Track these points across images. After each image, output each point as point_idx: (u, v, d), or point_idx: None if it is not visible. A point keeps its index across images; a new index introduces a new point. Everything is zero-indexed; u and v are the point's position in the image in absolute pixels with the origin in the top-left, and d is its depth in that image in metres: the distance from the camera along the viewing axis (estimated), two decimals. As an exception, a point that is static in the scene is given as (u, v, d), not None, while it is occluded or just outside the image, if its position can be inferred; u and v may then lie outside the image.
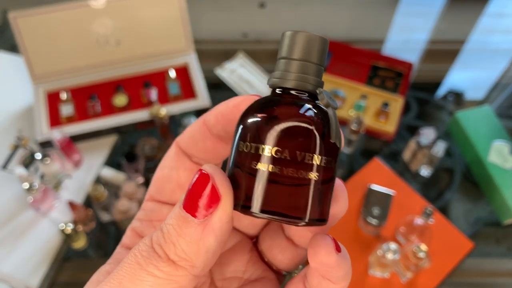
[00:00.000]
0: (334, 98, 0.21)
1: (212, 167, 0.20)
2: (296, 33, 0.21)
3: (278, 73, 0.21)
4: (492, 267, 0.74)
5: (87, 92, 0.87)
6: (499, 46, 1.07)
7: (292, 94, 0.21)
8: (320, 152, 0.19)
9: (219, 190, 0.19)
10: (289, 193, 0.19)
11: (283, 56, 0.21)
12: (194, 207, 0.19)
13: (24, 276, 0.70)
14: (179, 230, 0.19)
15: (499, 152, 0.81)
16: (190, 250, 0.19)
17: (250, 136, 0.20)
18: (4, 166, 0.82)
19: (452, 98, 0.95)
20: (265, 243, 0.25)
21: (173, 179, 0.25)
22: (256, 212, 0.19)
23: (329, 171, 0.20)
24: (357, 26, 1.09)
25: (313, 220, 0.20)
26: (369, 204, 0.74)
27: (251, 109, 0.20)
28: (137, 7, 0.86)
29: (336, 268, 0.20)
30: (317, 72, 0.21)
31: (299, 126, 0.19)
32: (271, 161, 0.19)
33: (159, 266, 0.19)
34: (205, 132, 0.24)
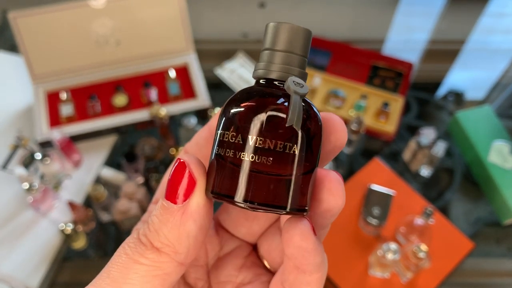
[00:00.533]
0: (305, 84, 0.21)
1: (188, 156, 0.21)
2: (279, 24, 0.21)
3: (262, 64, 0.21)
4: (492, 267, 0.74)
5: (87, 92, 0.87)
6: (499, 46, 1.07)
7: (275, 85, 0.21)
8: (294, 140, 0.19)
9: (194, 175, 0.20)
10: (270, 182, 0.19)
11: (267, 47, 0.21)
12: (174, 195, 0.20)
13: (24, 276, 0.70)
14: (161, 217, 0.20)
15: (499, 152, 0.81)
16: (172, 236, 0.20)
17: (231, 126, 0.20)
18: (4, 166, 0.82)
19: (452, 98, 0.95)
20: (263, 247, 0.26)
21: None
22: (239, 201, 0.19)
23: (310, 160, 0.20)
24: (357, 26, 1.09)
25: (294, 209, 0.20)
26: (369, 204, 0.74)
27: (233, 100, 0.21)
28: (137, 7, 0.86)
29: (313, 252, 0.20)
30: (300, 63, 0.21)
31: (273, 116, 0.19)
32: (252, 151, 0.19)
33: (144, 254, 0.20)
34: (209, 138, 0.24)
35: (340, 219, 0.75)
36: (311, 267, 0.20)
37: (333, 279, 0.70)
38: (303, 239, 0.20)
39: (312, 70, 0.94)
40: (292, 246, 0.20)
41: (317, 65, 0.95)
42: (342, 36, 1.04)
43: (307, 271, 0.20)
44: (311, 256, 0.20)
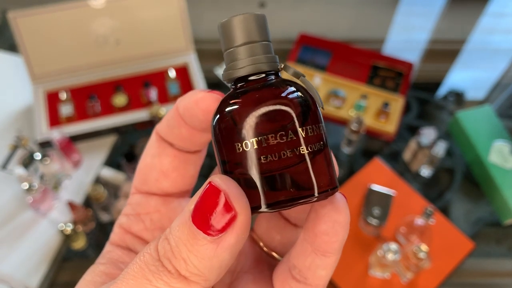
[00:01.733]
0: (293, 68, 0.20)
1: (223, 180, 0.18)
2: (229, 19, 0.20)
3: (229, 65, 0.20)
4: (493, 267, 0.74)
5: (87, 92, 0.87)
6: (500, 46, 1.06)
7: (252, 80, 0.20)
8: (302, 124, 0.18)
9: (235, 206, 0.18)
10: (290, 176, 0.18)
11: (227, 47, 0.20)
12: (205, 223, 0.17)
13: (24, 276, 0.70)
14: (190, 246, 0.18)
15: (500, 152, 0.81)
16: (203, 267, 0.18)
17: (228, 138, 0.19)
18: (4, 166, 0.82)
19: (453, 98, 0.94)
20: (261, 227, 0.25)
21: (156, 167, 0.24)
22: (265, 210, 0.18)
23: (319, 137, 0.19)
24: (357, 26, 1.09)
25: (324, 191, 0.19)
26: (369, 204, 0.74)
27: (219, 111, 0.19)
28: (137, 7, 0.86)
29: (346, 227, 0.19)
30: (266, 49, 0.20)
31: (271, 108, 0.18)
32: (258, 153, 0.18)
33: (169, 282, 0.18)
34: (179, 120, 0.22)
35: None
36: (336, 246, 0.19)
37: (333, 279, 0.69)
38: (339, 213, 0.19)
39: (312, 70, 0.94)
40: (327, 220, 0.19)
41: (317, 65, 0.95)
42: (342, 36, 1.04)
43: (329, 251, 0.19)
44: (343, 233, 0.19)
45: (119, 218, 0.25)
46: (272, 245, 0.25)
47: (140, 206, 0.24)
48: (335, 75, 0.93)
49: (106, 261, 0.23)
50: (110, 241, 0.25)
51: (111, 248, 0.24)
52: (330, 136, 0.89)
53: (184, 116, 0.22)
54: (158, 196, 0.25)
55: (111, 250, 0.24)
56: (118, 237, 0.24)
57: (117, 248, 0.24)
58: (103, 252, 0.24)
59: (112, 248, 0.24)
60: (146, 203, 0.24)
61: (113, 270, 0.23)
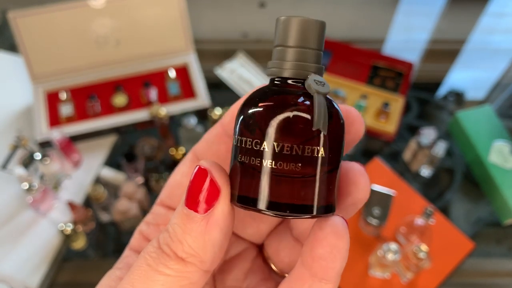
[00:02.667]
0: (325, 82, 0.20)
1: (208, 162, 0.20)
2: (290, 18, 0.20)
3: (275, 62, 0.20)
4: (493, 267, 0.74)
5: (87, 92, 0.87)
6: (500, 46, 1.06)
7: (290, 84, 0.20)
8: (320, 142, 0.18)
9: (218, 182, 0.19)
10: (294, 186, 0.18)
11: (279, 43, 0.20)
12: (195, 203, 0.19)
13: (24, 276, 0.70)
14: (184, 227, 0.19)
15: (500, 152, 0.81)
16: (197, 245, 0.19)
17: (248, 131, 0.19)
18: (4, 166, 0.82)
19: (453, 98, 0.94)
20: (271, 247, 0.25)
21: (184, 185, 0.25)
22: (262, 209, 0.19)
23: (333, 159, 0.19)
24: (357, 26, 1.09)
25: (321, 211, 0.19)
26: (369, 204, 0.74)
27: (248, 103, 0.20)
28: (137, 7, 0.86)
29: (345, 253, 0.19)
30: (314, 58, 0.20)
31: (296, 117, 0.18)
32: (274, 156, 0.18)
33: (168, 265, 0.19)
34: (221, 135, 0.24)
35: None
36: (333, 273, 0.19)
37: (333, 280, 0.69)
38: (338, 238, 0.18)
39: (312, 70, 0.94)
40: (325, 245, 0.19)
41: (317, 65, 0.95)
42: (342, 36, 1.04)
43: (326, 278, 0.19)
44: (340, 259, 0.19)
45: (140, 225, 0.26)
46: (281, 266, 0.25)
47: (161, 217, 0.26)
48: (335, 75, 0.93)
49: (123, 266, 0.24)
50: (130, 246, 0.26)
51: (129, 253, 0.25)
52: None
53: (227, 126, 0.23)
54: None
55: (129, 255, 0.25)
56: (137, 243, 0.26)
57: (134, 253, 0.25)
58: (122, 257, 0.25)
59: (130, 253, 0.25)
60: (166, 216, 0.26)
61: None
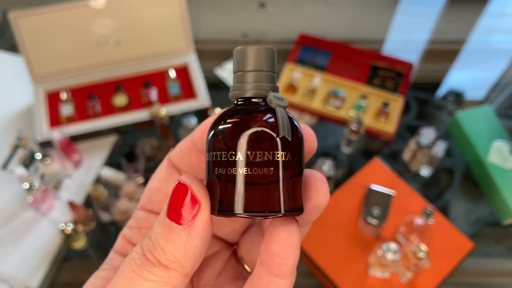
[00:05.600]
0: (284, 98, 0.23)
1: (189, 177, 0.22)
2: (245, 48, 0.23)
3: (236, 85, 0.23)
4: (492, 267, 0.74)
5: (87, 92, 0.87)
6: (499, 46, 1.07)
7: (251, 102, 0.23)
8: (280, 149, 0.21)
9: (198, 197, 0.21)
10: (263, 190, 0.21)
11: (238, 69, 0.24)
12: (177, 215, 0.21)
13: (24, 276, 0.70)
14: (166, 237, 0.21)
15: (499, 152, 0.81)
16: (179, 254, 0.21)
17: (218, 145, 0.22)
18: (4, 166, 0.82)
19: (452, 98, 0.95)
20: (244, 247, 0.27)
21: (162, 190, 0.27)
22: (239, 212, 0.21)
23: (295, 164, 0.22)
24: (357, 26, 1.09)
25: (289, 211, 0.21)
26: (369, 204, 0.74)
27: (217, 121, 0.23)
28: (137, 7, 0.86)
29: (296, 250, 0.21)
30: (269, 78, 0.23)
31: (257, 129, 0.21)
32: (240, 165, 0.21)
33: (152, 271, 0.21)
34: (192, 148, 0.25)
35: (340, 219, 0.75)
36: (287, 268, 0.21)
37: (333, 279, 0.70)
38: (290, 235, 0.21)
39: (312, 70, 0.94)
40: (278, 242, 0.21)
41: (317, 65, 0.95)
42: (342, 36, 1.04)
43: (281, 274, 0.21)
44: (293, 255, 0.21)
45: (124, 229, 0.28)
46: (253, 265, 0.26)
47: (142, 221, 0.27)
48: (335, 75, 0.94)
49: (108, 267, 0.26)
50: (114, 249, 0.28)
51: (114, 256, 0.27)
52: (330, 136, 0.89)
53: (197, 141, 0.25)
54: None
55: (114, 257, 0.27)
56: (121, 246, 0.27)
57: (119, 256, 0.27)
58: (107, 260, 0.27)
59: (115, 256, 0.27)
60: (148, 220, 0.27)
61: (113, 275, 0.25)
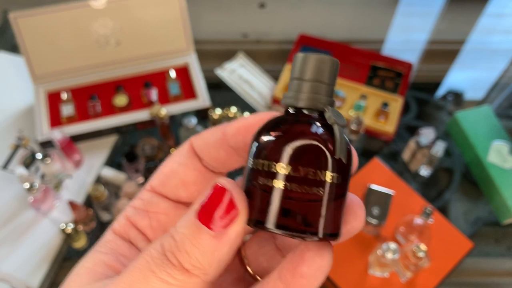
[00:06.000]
0: (341, 115, 0.22)
1: (229, 182, 0.20)
2: (308, 55, 0.22)
3: (291, 93, 0.22)
4: (492, 267, 0.75)
5: (88, 92, 0.88)
6: (499, 46, 1.07)
7: (304, 113, 0.22)
8: (330, 169, 0.20)
9: (237, 205, 0.20)
10: (303, 209, 0.20)
11: (296, 76, 0.22)
12: (209, 219, 0.19)
13: (25, 276, 0.70)
14: (194, 240, 0.19)
15: (499, 152, 0.82)
16: (205, 260, 0.19)
17: (264, 154, 0.20)
18: (5, 166, 0.82)
19: (452, 98, 0.95)
20: (251, 249, 0.26)
21: (179, 175, 0.25)
22: (271, 228, 0.20)
23: (340, 187, 0.20)
24: (357, 26, 1.09)
25: (327, 235, 0.20)
26: (369, 204, 0.74)
27: (265, 128, 0.21)
28: (138, 8, 0.86)
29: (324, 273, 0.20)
30: (327, 91, 0.22)
31: (310, 144, 0.20)
32: (284, 179, 0.20)
33: (172, 274, 0.19)
34: (222, 142, 0.24)
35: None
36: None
37: (333, 279, 0.70)
38: (323, 261, 0.20)
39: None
40: (311, 265, 0.20)
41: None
42: (342, 36, 1.04)
43: None
44: (320, 281, 0.20)
45: (127, 209, 0.25)
46: (257, 269, 0.25)
47: (150, 204, 0.25)
48: (334, 76, 0.94)
49: (108, 251, 0.24)
50: (113, 230, 0.25)
51: (113, 238, 0.25)
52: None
53: (231, 137, 0.23)
54: (171, 201, 0.25)
55: (113, 239, 0.25)
56: (123, 228, 0.25)
57: (119, 238, 0.25)
58: (104, 240, 0.25)
59: (114, 237, 0.25)
60: (157, 203, 0.25)
61: (114, 262, 0.23)
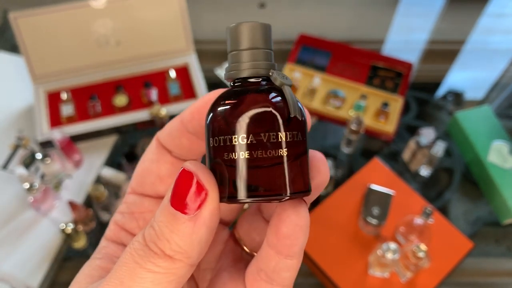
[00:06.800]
0: (287, 76, 0.22)
1: (194, 164, 0.20)
2: (238, 25, 0.22)
3: (232, 65, 0.22)
4: (492, 267, 0.75)
5: (88, 92, 0.88)
6: (499, 46, 1.07)
7: (250, 82, 0.22)
8: (285, 129, 0.20)
9: (205, 185, 0.20)
10: (267, 173, 0.20)
11: (232, 48, 0.22)
12: (182, 204, 0.20)
13: (25, 276, 0.70)
14: (171, 226, 0.20)
15: (499, 152, 0.82)
16: (184, 243, 0.20)
17: (219, 129, 0.21)
18: (5, 166, 0.82)
19: (452, 98, 0.95)
20: (242, 228, 0.26)
21: (154, 172, 0.26)
22: (242, 198, 0.20)
23: (299, 144, 0.21)
24: (357, 26, 1.09)
25: (295, 193, 0.20)
26: (369, 204, 0.74)
27: (216, 104, 0.21)
28: (138, 7, 0.86)
29: (306, 231, 0.20)
30: (266, 56, 0.22)
31: (262, 110, 0.20)
32: (243, 148, 0.20)
33: (156, 262, 0.20)
34: (182, 130, 0.24)
35: (340, 219, 0.76)
36: (297, 249, 0.21)
37: (333, 279, 0.70)
38: (299, 217, 0.20)
39: (312, 70, 0.94)
40: (288, 224, 0.20)
41: (317, 65, 0.95)
42: (342, 36, 1.04)
43: (290, 255, 0.21)
44: (302, 237, 0.20)
45: (115, 215, 0.26)
46: (252, 246, 0.26)
47: (134, 205, 0.26)
48: (334, 76, 0.94)
49: (102, 256, 0.25)
50: (106, 237, 0.26)
51: (107, 244, 0.26)
52: (330, 136, 0.89)
53: (187, 123, 0.24)
54: (153, 198, 0.26)
55: (107, 245, 0.26)
56: (113, 233, 0.26)
57: (112, 243, 0.26)
58: (99, 247, 0.26)
59: (107, 243, 0.26)
60: (140, 203, 0.26)
61: (109, 264, 0.24)
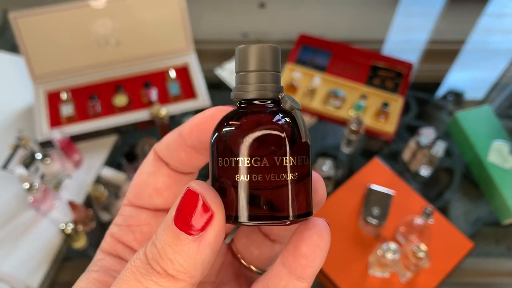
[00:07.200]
0: (296, 100, 0.22)
1: (199, 184, 0.20)
2: (247, 46, 0.22)
3: (239, 86, 0.22)
4: (492, 267, 0.75)
5: (87, 92, 0.88)
6: (499, 46, 1.07)
7: (256, 104, 0.22)
8: (291, 153, 0.20)
9: (211, 206, 0.19)
10: (271, 196, 0.20)
11: (240, 69, 0.22)
12: (186, 224, 0.19)
13: (25, 276, 0.70)
14: (174, 247, 0.19)
15: (499, 152, 0.82)
16: (188, 264, 0.19)
17: (224, 150, 0.21)
18: (5, 166, 0.82)
19: (452, 98, 0.95)
20: (240, 241, 0.26)
21: (151, 184, 0.25)
22: (245, 221, 0.20)
23: (304, 168, 0.21)
24: (357, 26, 1.09)
25: (299, 216, 0.20)
26: (369, 204, 0.74)
27: (221, 125, 0.21)
28: (137, 7, 0.86)
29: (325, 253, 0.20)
30: (274, 78, 0.22)
31: (267, 133, 0.20)
32: (248, 171, 0.20)
33: (159, 282, 0.19)
34: (180, 143, 0.24)
35: (340, 219, 0.76)
36: (311, 271, 0.20)
37: (333, 279, 0.70)
38: (321, 238, 0.20)
39: (312, 70, 0.94)
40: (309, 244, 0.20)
41: (317, 65, 0.95)
42: (342, 36, 1.04)
43: (303, 276, 0.20)
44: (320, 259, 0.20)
45: (110, 227, 0.26)
46: (250, 259, 0.26)
47: (131, 218, 0.26)
48: (334, 76, 0.94)
49: (99, 269, 0.24)
50: (101, 249, 0.26)
51: (103, 256, 0.25)
52: (330, 136, 0.89)
53: (186, 137, 0.24)
54: (150, 210, 0.26)
55: (103, 258, 0.25)
56: (110, 246, 0.26)
57: (108, 256, 0.25)
58: (95, 260, 0.25)
59: (103, 256, 0.25)
60: (137, 216, 0.26)
61: (106, 277, 0.24)
